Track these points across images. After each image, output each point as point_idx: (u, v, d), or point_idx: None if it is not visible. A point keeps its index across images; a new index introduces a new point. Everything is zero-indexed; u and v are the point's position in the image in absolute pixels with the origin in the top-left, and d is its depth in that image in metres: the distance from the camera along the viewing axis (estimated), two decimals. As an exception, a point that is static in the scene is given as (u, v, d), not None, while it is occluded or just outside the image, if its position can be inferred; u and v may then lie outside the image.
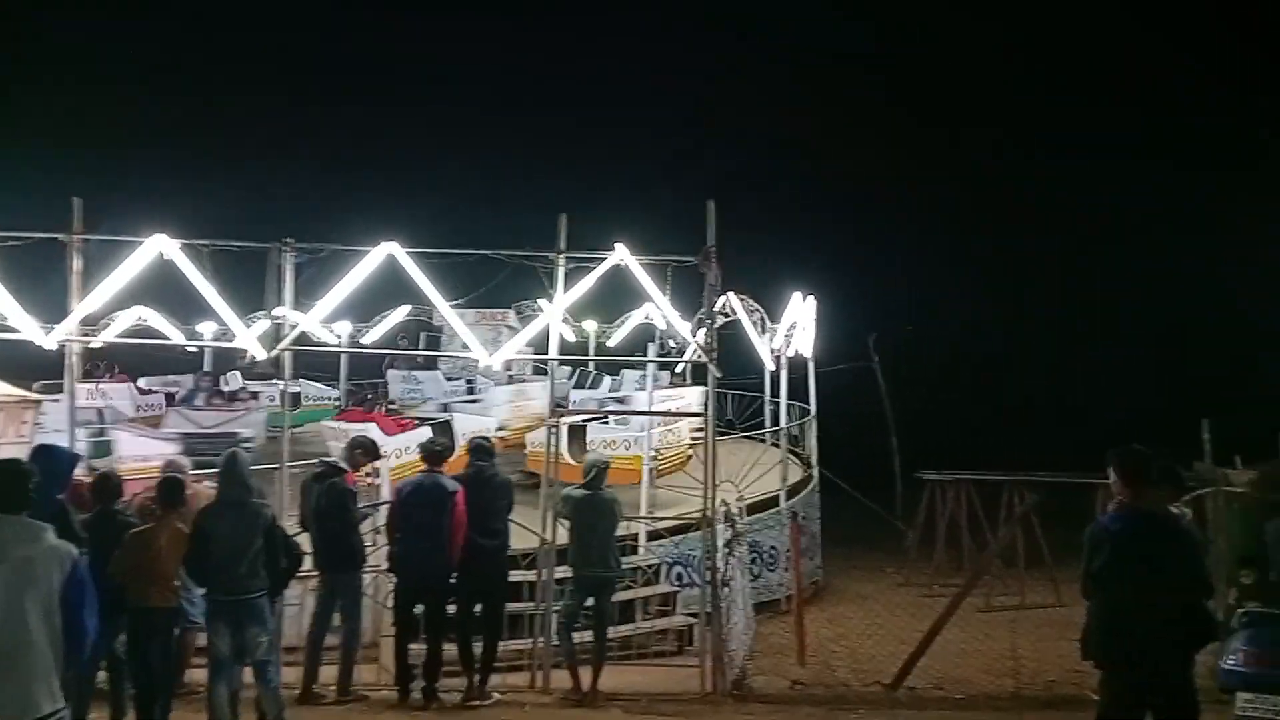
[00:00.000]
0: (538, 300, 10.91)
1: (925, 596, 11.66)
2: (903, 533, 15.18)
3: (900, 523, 16.09)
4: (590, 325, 18.76)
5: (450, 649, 7.02)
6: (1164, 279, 28.98)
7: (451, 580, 6.93)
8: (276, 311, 8.32)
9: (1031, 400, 27.18)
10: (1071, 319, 30.22)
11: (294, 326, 8.43)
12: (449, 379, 19.12)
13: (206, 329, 16.24)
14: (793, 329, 13.90)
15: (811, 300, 14.26)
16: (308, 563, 6.75)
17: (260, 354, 8.62)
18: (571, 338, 17.95)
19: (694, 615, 8.53)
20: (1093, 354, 28.58)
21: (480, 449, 7.38)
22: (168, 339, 15.10)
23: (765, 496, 11.86)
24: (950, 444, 19.37)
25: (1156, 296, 29.09)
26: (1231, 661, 5.58)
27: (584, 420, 12.81)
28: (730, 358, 15.71)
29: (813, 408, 14.48)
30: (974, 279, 31.41)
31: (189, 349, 17.31)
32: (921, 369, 26.13)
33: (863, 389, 23.12)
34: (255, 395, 17.16)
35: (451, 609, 7.05)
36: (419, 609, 6.98)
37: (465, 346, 9.29)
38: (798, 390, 14.83)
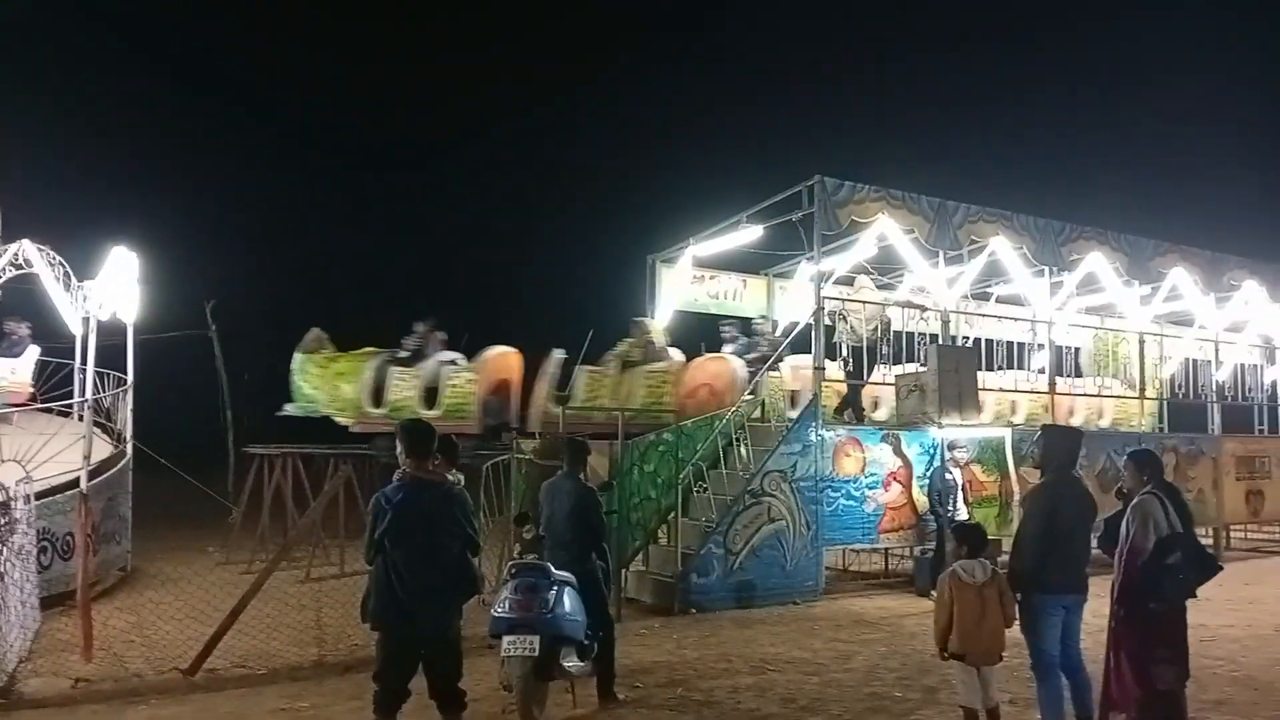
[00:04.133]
0: None
1: (245, 574, 11.37)
2: (229, 510, 14.61)
3: (230, 500, 15.47)
4: None
5: None
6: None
7: None
8: None
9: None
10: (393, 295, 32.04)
11: None
12: None
13: None
14: (110, 288, 12.49)
15: (133, 257, 12.94)
16: None
17: None
18: None
19: (-49, 621, 7.23)
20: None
21: None
22: None
23: (67, 477, 10.52)
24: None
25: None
26: (499, 609, 6.30)
27: None
28: (32, 318, 13.70)
29: (130, 377, 13.18)
30: (313, 248, 31.73)
31: None
32: (266, 337, 25.52)
33: (199, 358, 21.86)
34: None
35: None
36: None
37: None
38: (117, 358, 13.40)
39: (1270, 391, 17.73)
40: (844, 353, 13.05)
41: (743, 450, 11.64)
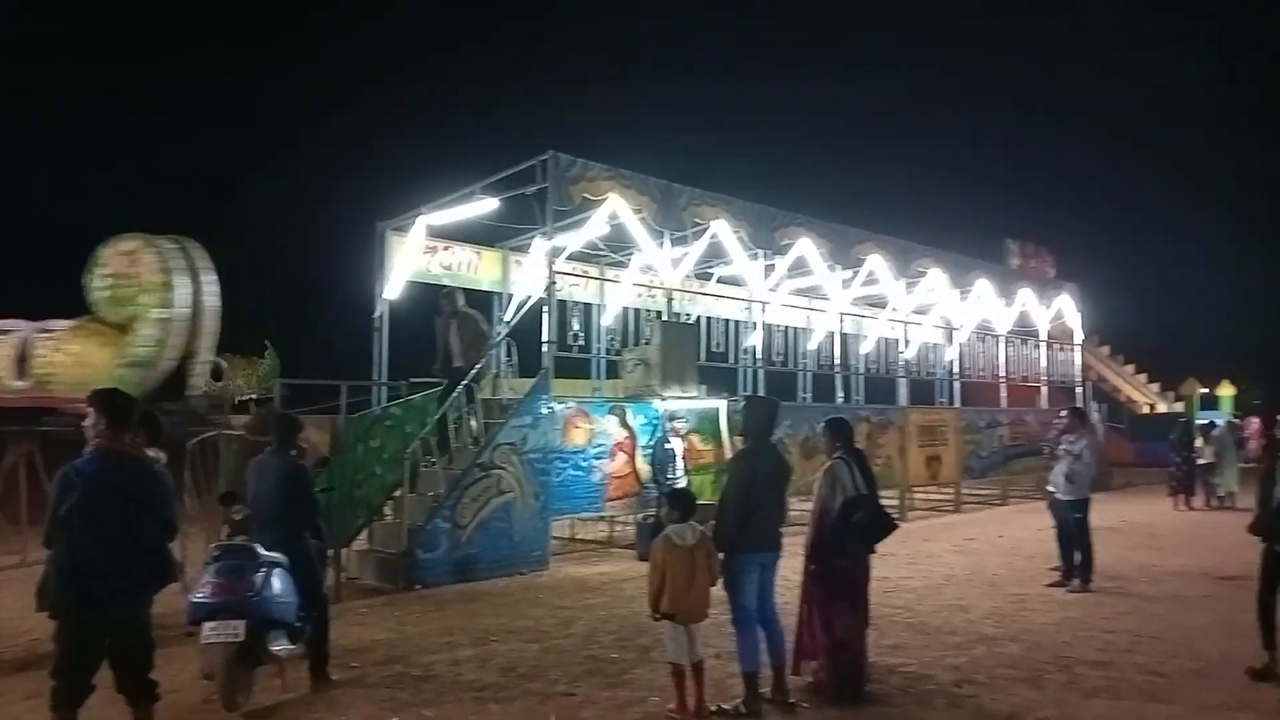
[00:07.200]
0: None
1: (-100, 567, 10.02)
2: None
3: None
4: None
5: None
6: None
7: None
8: None
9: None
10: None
11: None
12: None
13: None
14: None
15: None
16: None
17: None
18: None
19: None
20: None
21: None
22: None
23: None
24: None
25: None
26: (200, 594, 5.93)
27: None
28: None
29: None
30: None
31: None
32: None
33: None
34: None
35: None
36: None
37: None
38: None
39: (949, 368, 19.85)
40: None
41: (473, 423, 11.59)
